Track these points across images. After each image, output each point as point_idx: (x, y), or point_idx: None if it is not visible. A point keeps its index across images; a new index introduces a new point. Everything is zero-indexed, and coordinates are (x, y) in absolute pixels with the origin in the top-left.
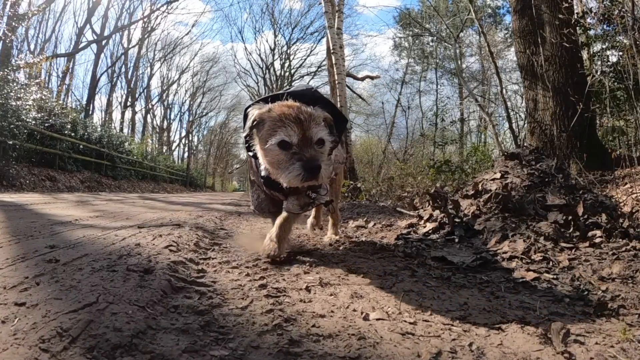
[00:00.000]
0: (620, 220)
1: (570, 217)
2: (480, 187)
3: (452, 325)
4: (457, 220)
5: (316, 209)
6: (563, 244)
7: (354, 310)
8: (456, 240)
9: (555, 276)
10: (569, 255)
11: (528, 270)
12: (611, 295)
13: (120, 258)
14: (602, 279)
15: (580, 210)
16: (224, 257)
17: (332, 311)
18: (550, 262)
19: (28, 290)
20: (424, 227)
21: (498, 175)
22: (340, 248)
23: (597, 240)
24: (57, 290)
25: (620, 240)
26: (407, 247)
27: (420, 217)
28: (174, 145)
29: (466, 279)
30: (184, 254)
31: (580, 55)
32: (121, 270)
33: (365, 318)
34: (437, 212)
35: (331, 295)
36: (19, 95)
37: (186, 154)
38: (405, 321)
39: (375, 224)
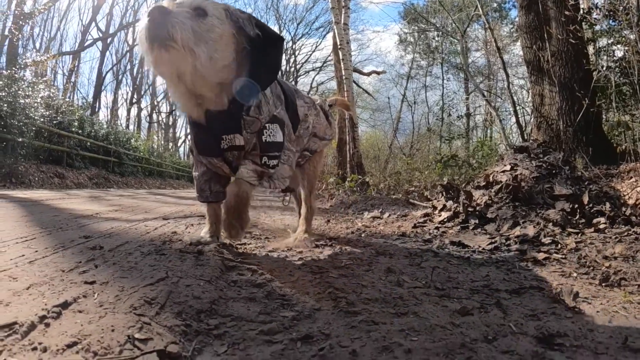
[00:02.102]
0: (623, 209)
1: (576, 206)
2: (491, 179)
3: (479, 290)
4: (470, 209)
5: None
6: (570, 230)
7: (390, 281)
8: (471, 227)
9: (563, 256)
10: (575, 239)
11: (539, 251)
12: (614, 270)
13: (164, 244)
14: (605, 258)
15: (585, 199)
16: (257, 243)
17: (372, 282)
18: (559, 245)
19: (88, 272)
20: (439, 216)
21: (508, 167)
22: (362, 235)
23: (602, 226)
24: (119, 271)
25: (623, 226)
26: (426, 234)
27: (435, 208)
28: (180, 141)
29: (483, 259)
30: (222, 240)
31: (586, 52)
32: (173, 253)
33: (403, 286)
34: (450, 202)
35: (368, 270)
36: (27, 94)
37: None
38: (437, 288)
39: (390, 215)
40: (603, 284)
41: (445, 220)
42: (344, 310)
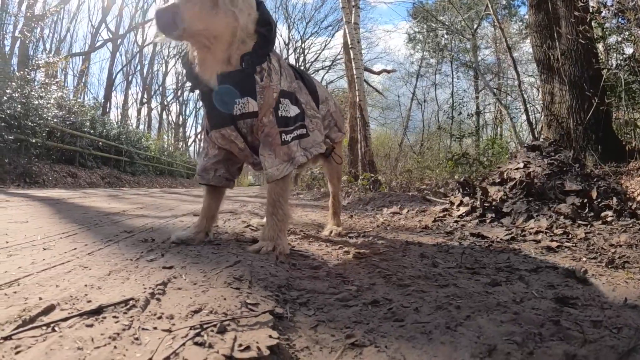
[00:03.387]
0: (629, 203)
1: (585, 200)
2: (505, 176)
3: (502, 269)
4: (486, 204)
5: (331, 202)
6: (580, 222)
7: (426, 263)
8: (488, 221)
9: (574, 244)
10: (585, 230)
11: (552, 240)
12: (619, 255)
13: (213, 235)
14: (611, 245)
15: (594, 194)
16: (296, 236)
17: (411, 264)
18: (570, 235)
19: (157, 260)
20: (458, 210)
21: (521, 164)
22: (388, 228)
23: (609, 219)
24: (188, 258)
25: (629, 219)
26: (446, 227)
27: (452, 203)
28: (190, 140)
29: (502, 248)
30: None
31: (595, 51)
32: (229, 243)
33: (438, 267)
34: (466, 198)
35: (404, 256)
36: (40, 95)
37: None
38: (467, 267)
39: (408, 211)
40: (609, 266)
41: (463, 214)
42: (396, 284)
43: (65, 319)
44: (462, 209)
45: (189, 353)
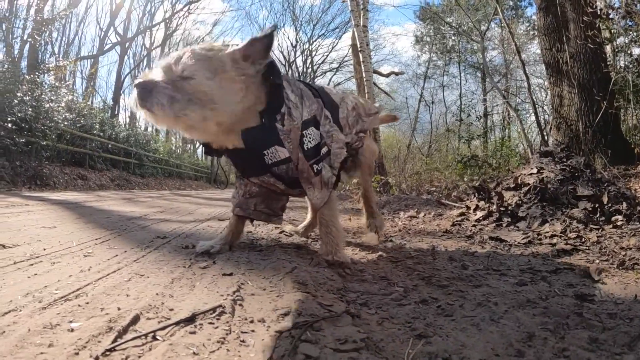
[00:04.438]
0: (638, 208)
1: (597, 205)
2: (519, 181)
3: (526, 271)
4: (502, 209)
5: (365, 203)
6: (592, 226)
7: (456, 266)
8: (504, 225)
9: (587, 247)
10: (597, 233)
11: (566, 244)
12: (629, 257)
13: (252, 242)
14: (622, 248)
15: (605, 199)
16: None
17: (444, 267)
18: (583, 239)
19: (210, 267)
20: (475, 215)
21: (535, 170)
22: (410, 232)
23: (619, 223)
24: (241, 264)
25: (638, 223)
26: (466, 230)
27: (468, 208)
28: (198, 142)
29: (521, 251)
30: (298, 239)
31: (604, 55)
32: (274, 249)
33: (468, 269)
34: (482, 202)
35: (434, 259)
36: (51, 98)
37: None
38: (494, 269)
39: (425, 215)
40: (620, 268)
41: (480, 218)
42: (436, 285)
43: (162, 328)
44: (479, 213)
45: (303, 348)
